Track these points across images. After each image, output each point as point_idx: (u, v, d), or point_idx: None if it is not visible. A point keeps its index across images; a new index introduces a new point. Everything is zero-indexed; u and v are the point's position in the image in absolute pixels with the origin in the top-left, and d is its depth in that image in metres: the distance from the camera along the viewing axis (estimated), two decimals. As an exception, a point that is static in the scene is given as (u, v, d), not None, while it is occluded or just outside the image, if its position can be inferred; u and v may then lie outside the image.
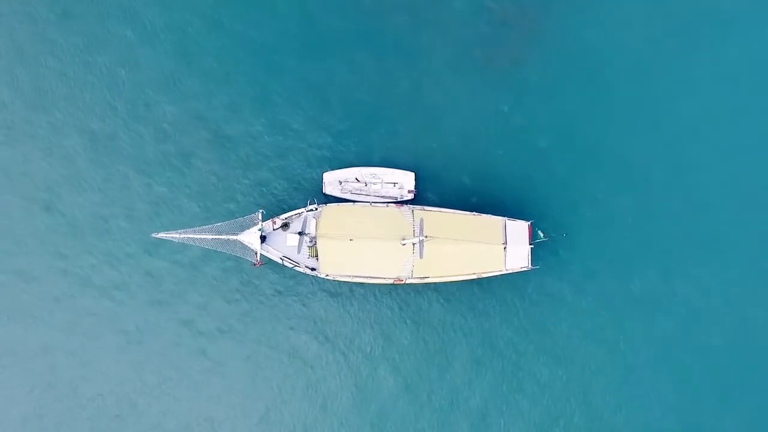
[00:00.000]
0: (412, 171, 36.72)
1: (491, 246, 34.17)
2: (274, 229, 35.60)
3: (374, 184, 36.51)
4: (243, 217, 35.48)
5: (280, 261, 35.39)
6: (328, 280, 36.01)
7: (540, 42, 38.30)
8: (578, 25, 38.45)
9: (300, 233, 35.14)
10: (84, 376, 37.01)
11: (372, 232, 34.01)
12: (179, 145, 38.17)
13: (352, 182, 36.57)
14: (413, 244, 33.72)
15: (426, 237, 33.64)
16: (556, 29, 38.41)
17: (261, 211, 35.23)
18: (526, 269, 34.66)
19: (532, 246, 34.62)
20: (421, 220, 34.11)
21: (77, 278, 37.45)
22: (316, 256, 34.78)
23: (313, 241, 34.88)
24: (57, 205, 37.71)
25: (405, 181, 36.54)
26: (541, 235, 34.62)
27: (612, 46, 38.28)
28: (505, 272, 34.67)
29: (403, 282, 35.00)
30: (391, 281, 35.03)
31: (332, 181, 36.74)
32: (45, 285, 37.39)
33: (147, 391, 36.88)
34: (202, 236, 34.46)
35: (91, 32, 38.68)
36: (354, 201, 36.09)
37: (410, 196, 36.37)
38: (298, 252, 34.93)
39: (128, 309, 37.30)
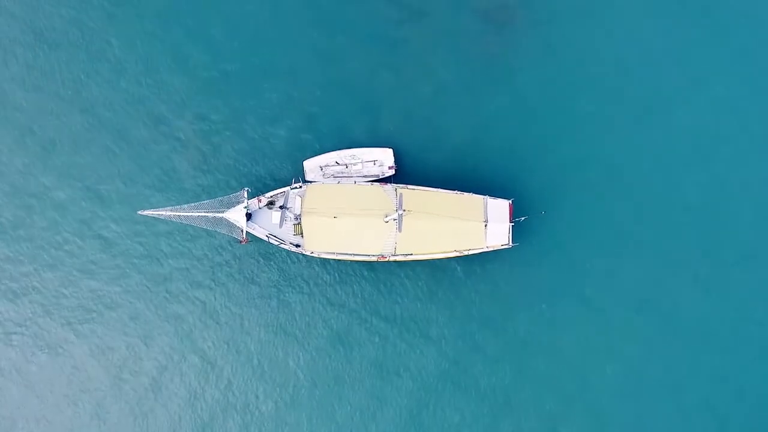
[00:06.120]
0: (389, 147, 37.32)
1: (472, 223, 34.85)
2: (259, 208, 36.16)
3: (354, 164, 37.02)
4: (229, 195, 36.07)
5: (265, 239, 35.97)
6: (312, 256, 36.61)
7: (520, 21, 39.22)
8: (559, 13, 39.47)
9: (281, 207, 35.69)
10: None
11: (356, 209, 34.62)
12: (167, 126, 38.80)
13: (333, 166, 37.07)
14: (394, 219, 34.37)
15: (405, 210, 34.28)
16: (540, 13, 39.42)
17: (246, 189, 35.76)
18: (506, 247, 35.38)
19: (513, 224, 35.39)
20: (401, 195, 34.77)
21: (62, 257, 38.20)
22: (301, 233, 35.43)
23: (298, 218, 35.49)
24: (44, 184, 38.47)
25: (384, 158, 37.07)
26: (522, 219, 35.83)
27: (586, 38, 39.26)
28: (486, 249, 35.39)
29: (386, 259, 35.65)
30: (374, 258, 35.66)
31: (313, 167, 37.21)
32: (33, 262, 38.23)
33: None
34: (188, 213, 35.00)
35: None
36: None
37: (391, 172, 36.94)
38: (280, 226, 35.50)
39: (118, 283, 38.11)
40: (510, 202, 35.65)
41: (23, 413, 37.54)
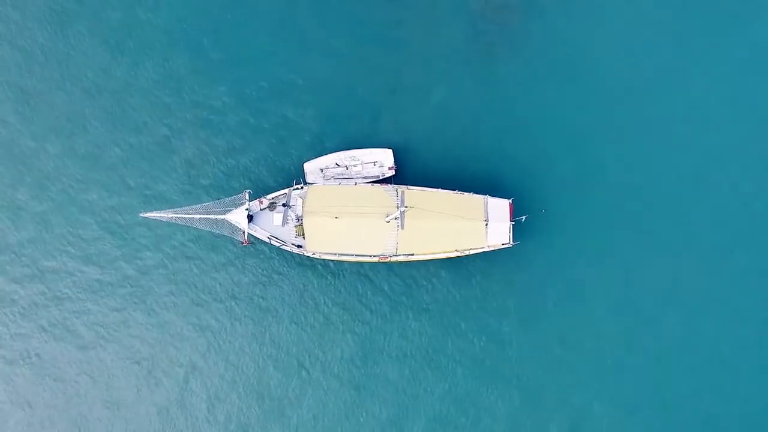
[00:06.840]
0: (389, 148, 37.45)
1: (473, 222, 34.97)
2: (261, 209, 36.33)
3: (354, 166, 37.15)
4: (230, 197, 36.25)
5: (267, 240, 36.14)
6: (314, 258, 36.76)
7: (522, 21, 39.41)
8: (560, 15, 39.72)
9: (284, 205, 35.86)
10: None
11: (357, 209, 34.76)
12: (168, 127, 39.07)
13: (333, 168, 37.19)
14: (396, 218, 34.49)
15: (407, 207, 34.45)
16: (537, 14, 39.57)
17: (248, 191, 35.92)
18: (507, 245, 35.50)
19: (513, 223, 35.52)
20: (402, 192, 34.98)
21: (69, 257, 38.49)
22: (303, 234, 35.57)
23: (300, 220, 35.64)
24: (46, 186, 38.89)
25: (384, 158, 37.20)
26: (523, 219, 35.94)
27: (588, 38, 39.46)
28: (487, 249, 35.51)
29: (387, 259, 35.81)
30: (376, 259, 35.82)
31: (313, 170, 37.31)
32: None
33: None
34: (190, 215, 35.19)
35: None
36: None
37: (391, 173, 37.06)
38: (283, 225, 35.64)
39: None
40: (510, 201, 35.77)
41: (36, 413, 37.89)
